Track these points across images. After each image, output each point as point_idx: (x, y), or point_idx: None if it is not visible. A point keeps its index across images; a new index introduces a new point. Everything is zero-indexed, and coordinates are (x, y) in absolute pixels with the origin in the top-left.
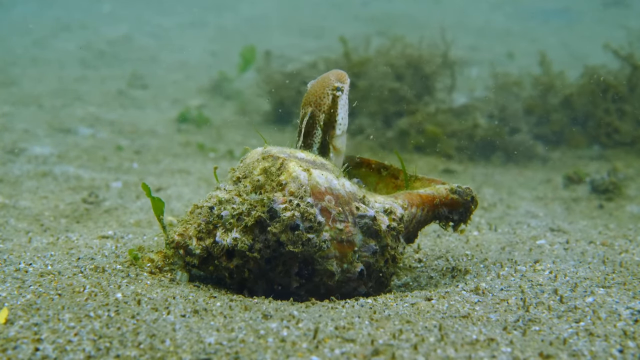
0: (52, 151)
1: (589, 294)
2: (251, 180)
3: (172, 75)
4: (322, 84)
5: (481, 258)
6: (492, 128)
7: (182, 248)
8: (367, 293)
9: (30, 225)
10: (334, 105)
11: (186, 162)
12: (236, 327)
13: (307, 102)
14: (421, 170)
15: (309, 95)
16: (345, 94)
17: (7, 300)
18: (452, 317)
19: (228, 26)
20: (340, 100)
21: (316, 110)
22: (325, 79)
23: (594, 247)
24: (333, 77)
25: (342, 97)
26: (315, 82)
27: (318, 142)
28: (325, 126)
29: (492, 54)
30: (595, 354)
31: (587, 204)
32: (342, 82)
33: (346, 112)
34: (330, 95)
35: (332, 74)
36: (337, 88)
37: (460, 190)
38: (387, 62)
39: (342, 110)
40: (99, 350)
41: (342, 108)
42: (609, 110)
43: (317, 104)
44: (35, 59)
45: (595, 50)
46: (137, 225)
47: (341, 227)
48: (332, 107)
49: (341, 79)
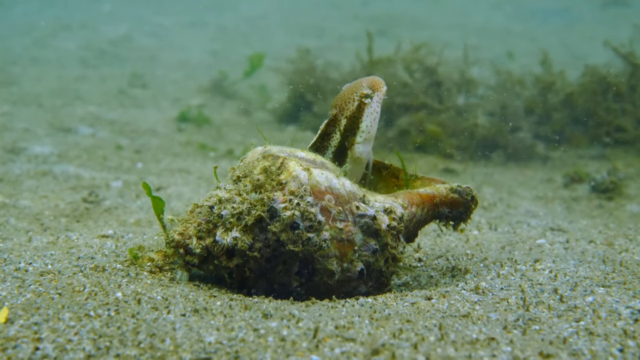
0: (52, 150)
1: (589, 293)
2: (251, 179)
3: (172, 74)
4: (353, 89)
5: (481, 257)
6: (493, 127)
7: (182, 247)
8: (367, 292)
9: (31, 224)
10: (358, 111)
11: (186, 161)
12: (236, 326)
13: (335, 104)
14: (421, 170)
15: (337, 98)
16: (376, 103)
17: (7, 299)
18: (452, 316)
19: (228, 26)
20: (368, 107)
21: (339, 113)
22: (357, 84)
23: (594, 247)
24: (365, 83)
25: (370, 104)
26: (348, 85)
27: (334, 145)
28: (346, 131)
29: (492, 54)
30: (595, 353)
31: (588, 203)
32: (375, 89)
33: (374, 121)
34: (356, 101)
35: (366, 79)
36: (365, 95)
37: (461, 189)
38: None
39: (367, 118)
40: (99, 349)
41: (368, 116)
42: (609, 109)
43: (341, 107)
44: (35, 59)
45: (596, 50)
46: (137, 224)
47: (341, 227)
48: (356, 113)
49: (374, 86)
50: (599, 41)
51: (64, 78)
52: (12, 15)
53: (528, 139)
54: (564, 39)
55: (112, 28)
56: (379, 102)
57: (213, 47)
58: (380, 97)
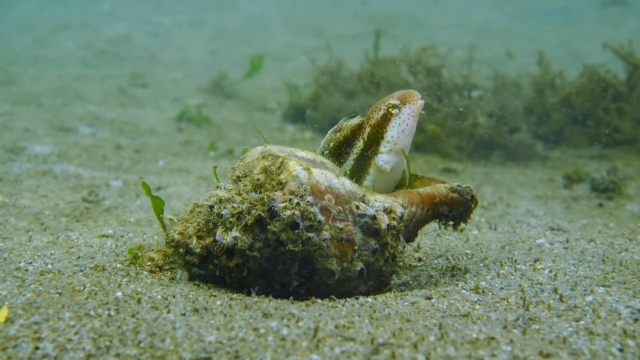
0: (52, 150)
1: (589, 292)
2: (251, 179)
3: (172, 74)
4: (384, 99)
5: (481, 257)
6: (492, 127)
7: (182, 247)
8: (367, 292)
9: (30, 224)
10: (383, 121)
11: (186, 161)
12: (236, 325)
13: (367, 113)
14: (421, 169)
15: (371, 107)
16: (406, 115)
17: (7, 298)
18: (452, 316)
19: (228, 25)
20: (395, 118)
21: (366, 121)
22: (390, 95)
23: (594, 246)
24: (397, 95)
25: (399, 115)
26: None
27: (356, 153)
28: (369, 140)
29: (491, 53)
30: (595, 352)
31: (587, 203)
32: (405, 102)
33: (402, 132)
34: (382, 110)
35: (400, 92)
36: (392, 105)
37: (460, 189)
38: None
39: (393, 130)
40: (99, 349)
41: (394, 127)
42: (608, 109)
43: (368, 116)
44: (35, 58)
45: (595, 49)
46: (137, 224)
47: (341, 226)
48: (380, 122)
49: (404, 98)
50: (598, 41)
51: (63, 77)
52: (11, 14)
53: (527, 138)
54: (563, 38)
55: (112, 27)
56: (411, 115)
57: (213, 46)
58: (414, 110)
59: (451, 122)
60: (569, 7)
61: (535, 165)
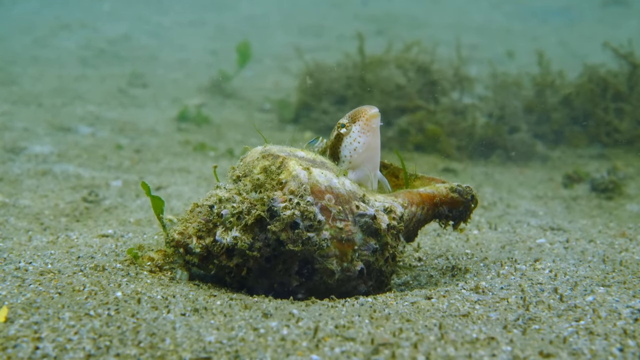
0: (52, 150)
1: (589, 292)
2: (251, 178)
3: (172, 74)
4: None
5: (481, 257)
6: (492, 127)
7: (182, 247)
8: (367, 292)
9: (30, 224)
10: (337, 141)
11: (186, 160)
12: (236, 325)
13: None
14: (421, 169)
15: None
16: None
17: (7, 298)
18: (452, 315)
19: (228, 25)
20: (346, 137)
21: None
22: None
23: (594, 246)
24: (350, 113)
25: (349, 134)
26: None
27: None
28: (332, 160)
29: (491, 53)
30: (595, 352)
31: (587, 203)
32: (355, 119)
33: (355, 151)
34: (335, 130)
35: (354, 110)
36: (341, 125)
37: (460, 189)
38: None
39: (345, 149)
40: (99, 349)
41: (346, 147)
42: (608, 109)
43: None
44: (35, 58)
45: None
46: (137, 224)
47: (341, 226)
48: (335, 143)
49: (354, 116)
50: (599, 41)
51: (63, 77)
52: (11, 14)
53: (527, 138)
54: (564, 38)
55: (112, 27)
56: (361, 132)
57: (213, 46)
58: (362, 126)
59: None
60: (569, 7)
61: (535, 165)
